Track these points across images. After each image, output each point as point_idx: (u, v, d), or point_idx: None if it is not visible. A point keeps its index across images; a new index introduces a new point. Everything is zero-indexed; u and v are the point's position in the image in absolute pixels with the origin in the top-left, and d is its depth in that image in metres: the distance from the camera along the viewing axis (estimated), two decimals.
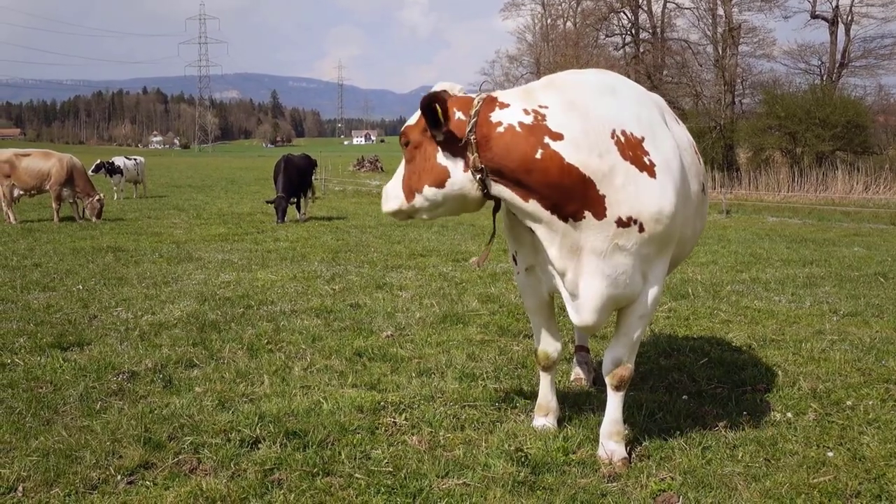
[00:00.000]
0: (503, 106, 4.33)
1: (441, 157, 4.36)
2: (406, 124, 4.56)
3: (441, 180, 4.38)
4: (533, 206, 4.25)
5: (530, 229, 4.48)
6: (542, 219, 4.27)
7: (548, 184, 4.17)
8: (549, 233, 4.31)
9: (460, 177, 4.35)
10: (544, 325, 5.05)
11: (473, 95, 4.44)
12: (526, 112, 4.27)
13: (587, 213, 4.20)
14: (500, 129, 4.24)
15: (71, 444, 4.64)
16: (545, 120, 4.23)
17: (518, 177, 4.22)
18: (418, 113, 4.37)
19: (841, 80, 40.45)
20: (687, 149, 4.89)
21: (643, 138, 4.30)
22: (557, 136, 4.18)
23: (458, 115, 4.30)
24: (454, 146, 4.31)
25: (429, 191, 4.43)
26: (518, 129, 4.22)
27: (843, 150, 34.82)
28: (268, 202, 19.61)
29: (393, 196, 4.66)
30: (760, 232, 18.95)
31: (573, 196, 4.17)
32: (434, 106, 4.21)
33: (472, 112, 4.28)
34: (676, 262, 5.24)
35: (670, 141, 4.46)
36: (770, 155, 37.06)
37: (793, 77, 41.98)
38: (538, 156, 4.15)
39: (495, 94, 4.44)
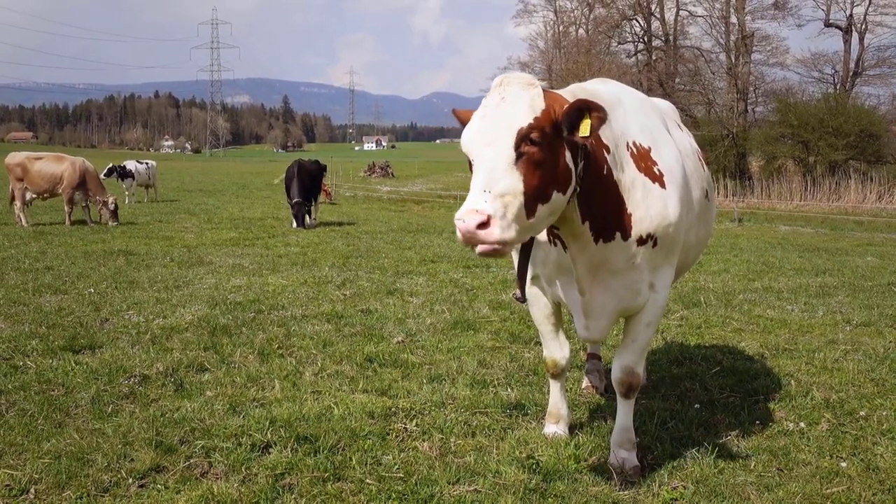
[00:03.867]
0: None
1: (568, 158, 3.65)
2: (532, 115, 3.53)
3: (567, 184, 3.66)
4: (585, 226, 3.99)
5: (536, 241, 4.42)
6: (582, 240, 4.06)
7: (605, 202, 3.97)
8: (582, 254, 4.14)
9: (574, 183, 3.72)
10: (552, 333, 5.02)
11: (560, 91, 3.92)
12: None
13: (617, 234, 4.10)
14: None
15: (82, 447, 4.65)
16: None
17: (592, 193, 3.87)
18: (534, 100, 3.58)
19: (854, 88, 40.29)
20: (689, 155, 4.86)
21: (650, 148, 4.26)
22: (607, 149, 3.98)
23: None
24: (574, 147, 3.68)
25: (556, 197, 3.60)
26: (592, 139, 3.86)
27: (857, 159, 34.69)
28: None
29: (511, 218, 3.40)
30: (773, 241, 18.88)
31: (613, 216, 4.06)
32: (586, 116, 3.56)
33: None
34: (681, 270, 5.20)
35: (672, 148, 4.43)
36: (783, 164, 36.94)
37: (806, 86, 41.87)
38: (605, 171, 3.94)
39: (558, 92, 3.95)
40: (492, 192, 3.38)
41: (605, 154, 3.95)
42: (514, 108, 3.56)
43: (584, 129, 3.55)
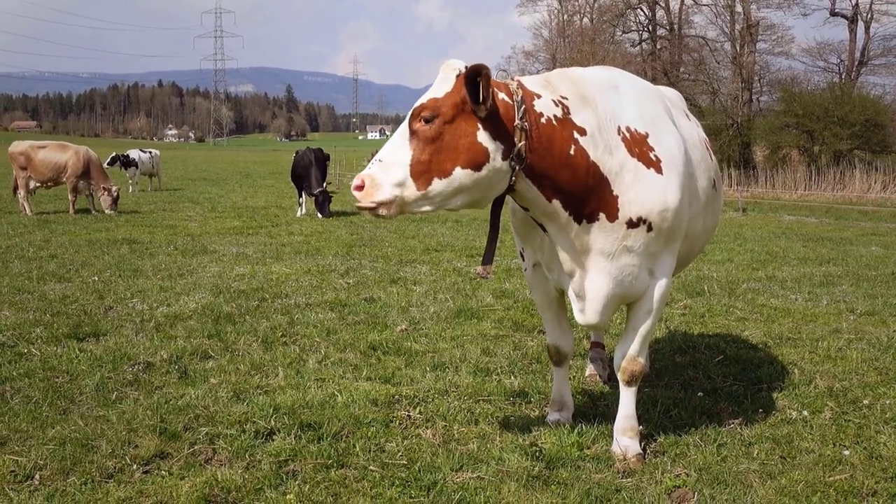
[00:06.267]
0: (537, 95, 4.06)
1: (482, 137, 3.86)
2: (429, 97, 3.92)
3: (479, 162, 3.86)
4: (555, 206, 4.10)
5: (538, 227, 4.42)
6: (559, 220, 4.16)
7: (575, 182, 4.05)
8: (562, 234, 4.22)
9: (499, 163, 3.89)
10: (554, 320, 5.02)
11: (509, 81, 4.09)
12: (555, 103, 4.07)
13: (601, 215, 4.15)
14: (543, 119, 3.99)
15: (87, 434, 4.66)
16: (570, 113, 4.08)
17: (552, 173, 4.00)
18: (446, 84, 3.91)
19: (860, 78, 40.11)
20: (696, 144, 4.85)
21: (647, 134, 4.28)
22: (582, 132, 4.06)
23: (502, 95, 3.93)
24: (496, 128, 3.88)
25: (460, 173, 3.85)
26: (554, 122, 4.01)
27: (861, 148, 34.53)
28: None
29: (388, 183, 3.83)
30: (777, 230, 18.84)
31: (593, 196, 4.11)
32: (478, 80, 3.77)
33: (518, 98, 3.95)
34: (688, 259, 5.21)
35: (674, 136, 4.42)
36: (787, 153, 36.78)
37: (811, 75, 41.69)
38: (571, 152, 4.02)
39: (521, 79, 4.15)
40: (382, 161, 3.90)
41: (578, 136, 4.05)
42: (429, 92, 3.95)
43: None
